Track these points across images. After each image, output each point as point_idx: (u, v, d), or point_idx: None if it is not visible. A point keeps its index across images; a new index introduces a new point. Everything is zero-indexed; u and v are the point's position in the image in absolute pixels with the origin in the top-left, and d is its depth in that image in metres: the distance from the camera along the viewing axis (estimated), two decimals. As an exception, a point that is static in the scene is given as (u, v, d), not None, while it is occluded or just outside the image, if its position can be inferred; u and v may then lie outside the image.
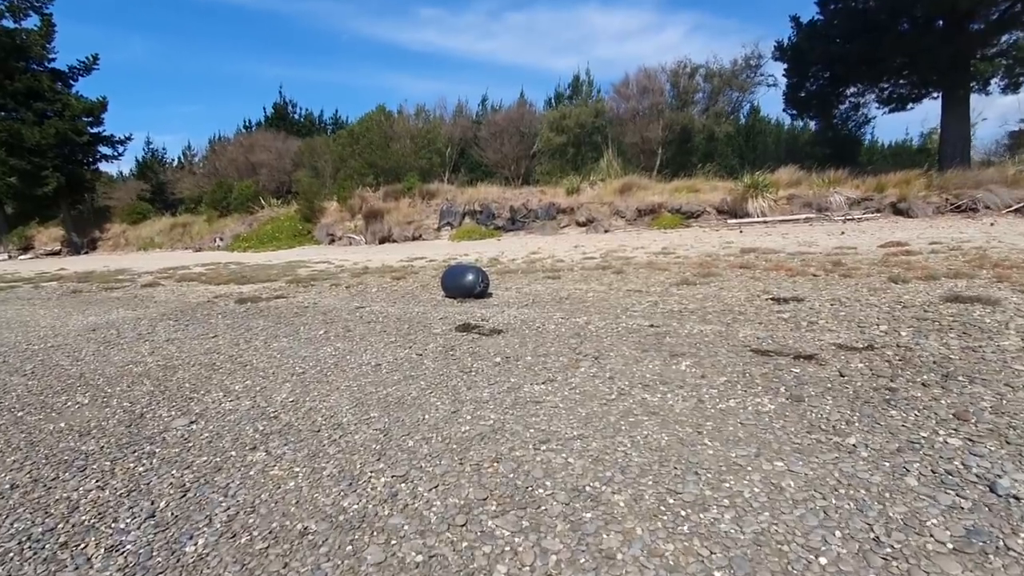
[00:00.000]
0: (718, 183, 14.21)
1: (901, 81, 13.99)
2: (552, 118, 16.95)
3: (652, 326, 3.56)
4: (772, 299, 4.13)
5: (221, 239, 19.03)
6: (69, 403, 2.83)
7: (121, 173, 30.88)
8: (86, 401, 2.85)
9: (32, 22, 22.68)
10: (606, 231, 13.01)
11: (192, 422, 2.35)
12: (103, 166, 27.36)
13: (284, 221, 18.29)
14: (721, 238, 9.98)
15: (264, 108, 30.54)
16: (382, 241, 15.01)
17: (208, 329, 4.65)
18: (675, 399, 2.24)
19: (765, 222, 11.92)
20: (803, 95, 15.23)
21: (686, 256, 7.43)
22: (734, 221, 12.18)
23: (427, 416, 2.22)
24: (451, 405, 2.33)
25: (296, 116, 29.33)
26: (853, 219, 11.17)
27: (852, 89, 14.86)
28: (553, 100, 22.71)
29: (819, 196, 12.16)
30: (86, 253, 24.02)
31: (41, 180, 22.52)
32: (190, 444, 2.09)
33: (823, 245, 7.66)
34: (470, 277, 5.20)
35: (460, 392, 2.50)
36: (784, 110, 16.22)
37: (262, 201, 20.38)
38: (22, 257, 24.65)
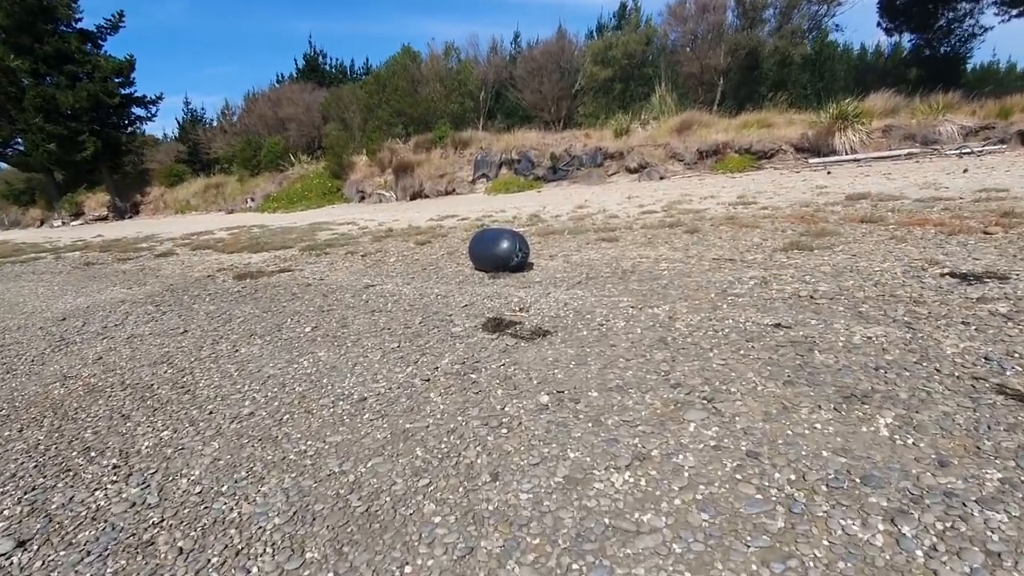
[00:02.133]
0: (794, 116, 12.20)
1: (1035, -25, 11.26)
2: (596, 49, 14.98)
3: (779, 326, 2.32)
4: (950, 275, 2.78)
5: (252, 199, 18.46)
6: (-79, 464, 1.93)
7: (166, 136, 30.66)
8: (-58, 462, 1.93)
9: (56, -20, 21.98)
10: (662, 178, 11.42)
11: (22, 544, 1.36)
12: (143, 128, 27.38)
13: (313, 179, 17.44)
14: (807, 182, 8.31)
15: (295, 61, 29.30)
16: (413, 197, 13.92)
17: (183, 320, 3.73)
18: (928, 545, 1.06)
19: (857, 160, 10.03)
20: (901, 2, 12.63)
21: (774, 207, 5.96)
22: (817, 160, 10.33)
23: (410, 568, 1.13)
24: (458, 532, 1.23)
25: (327, 67, 27.90)
26: (972, 152, 9.15)
27: (966, -9, 12.15)
28: (595, 33, 20.39)
29: (925, 126, 10.09)
30: (129, 217, 24.23)
31: (79, 145, 22.46)
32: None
33: (955, 187, 5.99)
34: (504, 245, 4.03)
35: (479, 486, 1.40)
36: (878, 23, 13.63)
37: (292, 158, 19.57)
38: (74, 223, 25.08)
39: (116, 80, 23.34)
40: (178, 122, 30.16)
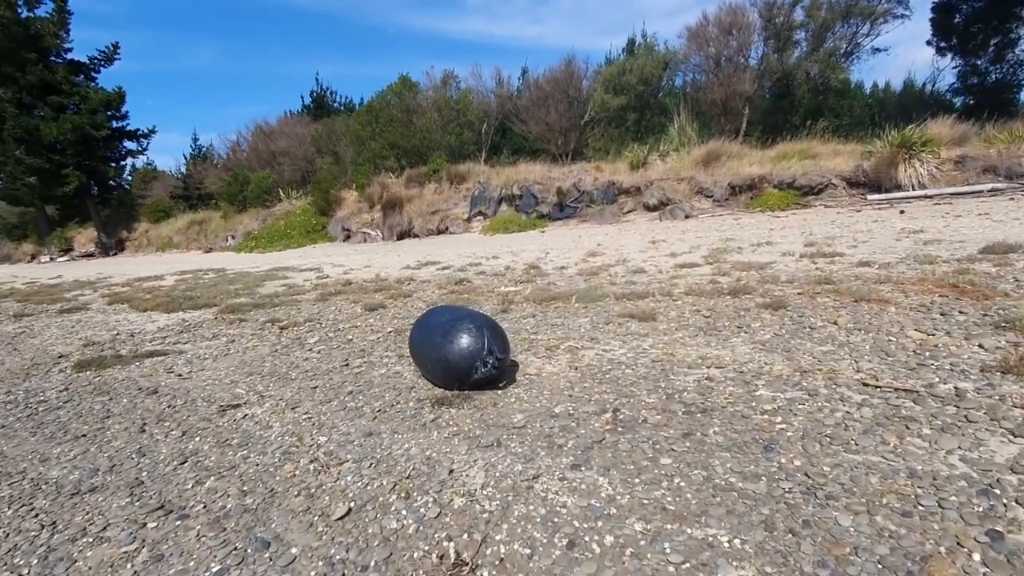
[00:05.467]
0: (839, 146, 10.52)
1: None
2: (609, 75, 13.56)
3: None
4: None
5: (233, 237, 16.97)
6: None
7: (172, 172, 29.52)
8: None
9: (46, 9, 21.37)
10: (687, 216, 9.69)
11: None
12: (149, 162, 26.47)
13: (299, 215, 15.95)
14: (882, 223, 6.52)
15: (302, 98, 28.24)
16: (401, 236, 12.30)
17: None
18: None
19: (929, 196, 8.25)
20: (959, 20, 11.11)
21: (881, 263, 4.15)
22: (879, 197, 8.57)
23: None
24: None
25: (335, 104, 26.70)
26: (1085, 187, 7.35)
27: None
28: (606, 64, 18.99)
29: (1008, 157, 8.33)
30: (114, 254, 22.95)
31: (62, 179, 21.33)
32: None
33: None
34: (463, 342, 2.22)
35: None
36: (928, 41, 12.09)
37: (281, 193, 18.18)
38: (60, 259, 23.85)
39: (107, 113, 22.41)
40: (185, 158, 29.31)
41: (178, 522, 1.48)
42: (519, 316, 3.63)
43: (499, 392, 2.24)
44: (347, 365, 2.91)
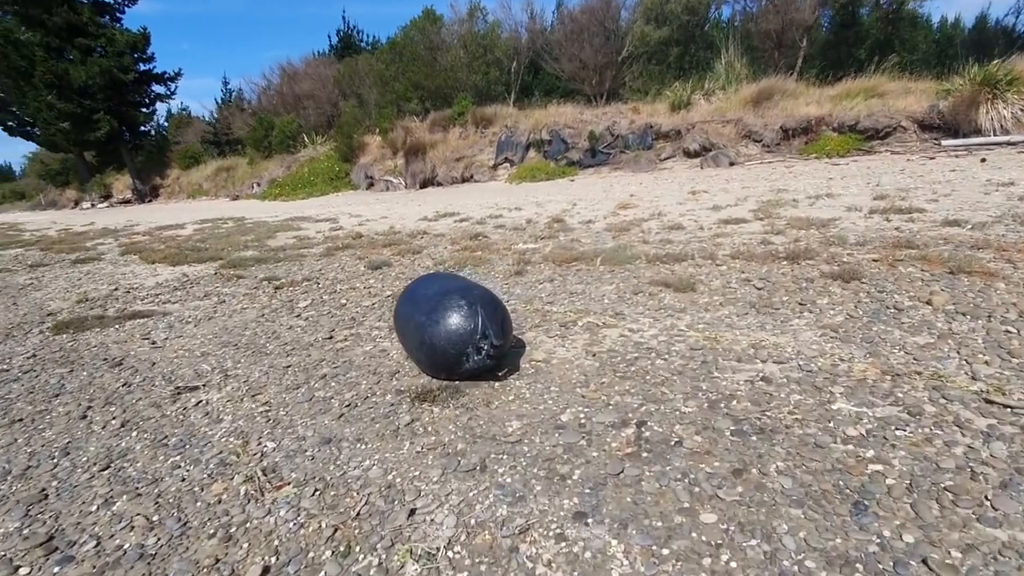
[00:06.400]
0: (911, 84, 9.27)
1: None
2: (650, 4, 12.26)
3: None
4: None
5: (258, 184, 16.78)
6: None
7: (203, 117, 29.28)
8: None
9: (65, -54, 20.72)
10: (732, 164, 8.81)
11: None
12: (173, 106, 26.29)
13: (322, 162, 15.54)
14: (962, 172, 5.65)
15: (329, 37, 26.96)
16: (424, 184, 11.77)
17: None
18: None
19: (1011, 143, 7.17)
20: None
21: (974, 222, 3.46)
22: (955, 143, 7.51)
23: None
24: None
25: (362, 43, 25.28)
26: None
27: None
28: None
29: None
30: (148, 201, 23.25)
31: (93, 124, 21.38)
32: None
33: None
34: (452, 322, 1.78)
35: None
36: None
37: (305, 139, 17.75)
38: (100, 205, 24.37)
39: (133, 55, 22.08)
40: (217, 102, 29.04)
41: (55, 569, 1.14)
42: (534, 280, 3.16)
43: (496, 386, 1.81)
44: (331, 338, 2.53)
